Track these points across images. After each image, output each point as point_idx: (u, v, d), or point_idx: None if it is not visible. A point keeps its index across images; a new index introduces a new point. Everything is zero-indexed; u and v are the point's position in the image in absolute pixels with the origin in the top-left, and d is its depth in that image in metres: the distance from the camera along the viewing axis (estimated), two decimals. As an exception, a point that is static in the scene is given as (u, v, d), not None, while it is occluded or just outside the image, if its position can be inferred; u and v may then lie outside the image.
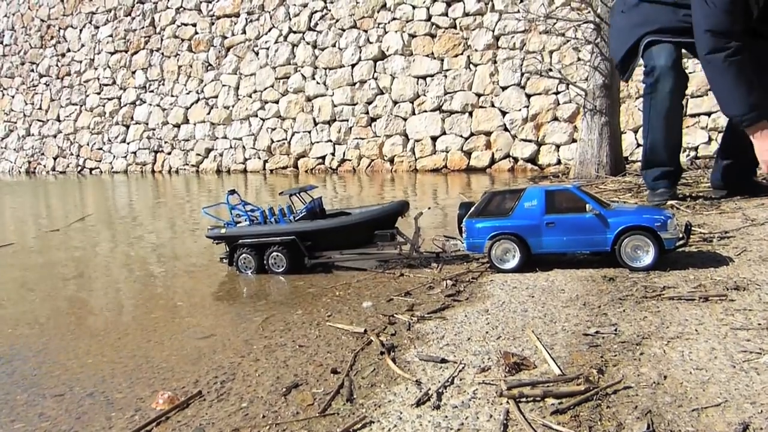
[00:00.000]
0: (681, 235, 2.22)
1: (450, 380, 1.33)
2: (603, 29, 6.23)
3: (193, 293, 2.54)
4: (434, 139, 10.27)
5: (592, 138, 6.52)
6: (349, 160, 11.14)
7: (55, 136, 15.79)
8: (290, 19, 11.86)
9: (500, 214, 2.38)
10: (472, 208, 2.48)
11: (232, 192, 3.10)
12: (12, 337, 2.04)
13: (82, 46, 15.14)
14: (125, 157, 14.32)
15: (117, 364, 1.70)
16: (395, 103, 10.68)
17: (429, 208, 3.28)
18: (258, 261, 2.79)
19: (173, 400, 1.41)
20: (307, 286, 2.48)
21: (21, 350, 1.88)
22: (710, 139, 7.81)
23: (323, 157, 11.47)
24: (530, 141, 9.33)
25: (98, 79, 14.83)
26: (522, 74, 9.48)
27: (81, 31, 15.19)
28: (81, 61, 15.18)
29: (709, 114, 7.90)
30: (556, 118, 9.16)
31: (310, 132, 11.60)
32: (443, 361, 1.44)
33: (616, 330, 1.53)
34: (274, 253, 2.76)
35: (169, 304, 2.36)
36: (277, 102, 11.99)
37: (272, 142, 12.03)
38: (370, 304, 2.06)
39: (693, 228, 2.70)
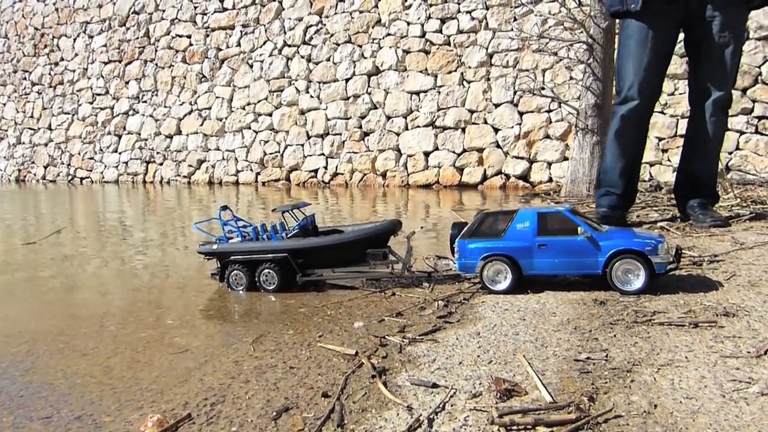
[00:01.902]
0: (671, 259, 2.23)
1: (441, 406, 1.33)
2: (595, 50, 6.32)
3: (184, 311, 2.52)
4: (427, 154, 10.31)
5: (583, 157, 6.58)
6: (342, 174, 11.15)
7: (46, 145, 15.71)
8: (285, 33, 11.93)
9: (493, 235, 2.40)
10: (465, 229, 2.50)
11: (225, 208, 3.08)
12: (-1, 354, 2.02)
13: (76, 55, 15.13)
14: (117, 167, 14.27)
15: (106, 386, 1.69)
16: (388, 118, 10.73)
17: (421, 228, 3.29)
18: (249, 278, 2.78)
19: (162, 423, 1.39)
20: (298, 305, 2.47)
21: (8, 369, 1.86)
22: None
23: (316, 171, 11.48)
24: (522, 158, 9.39)
25: (91, 88, 14.80)
26: (515, 92, 9.57)
27: (75, 40, 15.18)
28: (74, 70, 15.16)
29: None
30: (548, 136, 9.24)
31: (303, 145, 11.62)
32: (434, 386, 1.44)
33: (606, 356, 1.53)
34: (266, 270, 2.75)
35: (159, 322, 2.34)
36: (270, 115, 12.02)
37: (265, 154, 12.04)
38: (361, 324, 2.05)
39: (683, 251, 2.72)
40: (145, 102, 13.86)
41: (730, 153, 7.44)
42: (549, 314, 1.95)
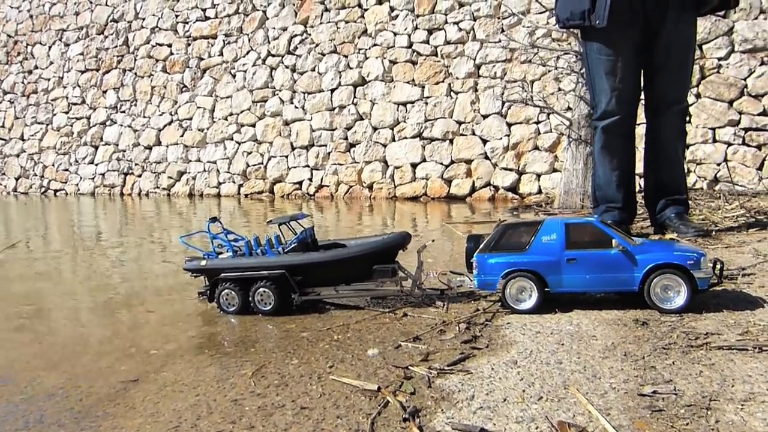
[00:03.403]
0: (711, 274, 2.03)
1: (494, 457, 1.10)
2: (588, 59, 6.21)
3: (168, 339, 2.24)
4: (414, 166, 10.13)
5: (576, 168, 6.44)
6: (327, 186, 10.91)
7: (18, 156, 15.19)
8: (269, 42, 11.71)
9: (515, 248, 2.18)
10: (484, 242, 2.27)
11: (214, 220, 2.79)
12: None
13: (51, 63, 14.70)
14: (93, 178, 13.83)
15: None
16: (375, 129, 10.54)
17: (433, 241, 3.08)
18: (242, 298, 2.49)
19: (153, 481, 1.14)
20: (299, 329, 2.22)
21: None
22: (689, 171, 7.80)
23: (300, 183, 11.22)
24: (511, 170, 9.25)
25: (67, 97, 14.37)
26: (503, 103, 9.45)
27: (50, 48, 14.77)
28: (49, 79, 14.72)
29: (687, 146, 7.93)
30: (536, 148, 9.12)
31: (287, 157, 11.37)
32: (483, 431, 1.21)
33: (675, 389, 1.32)
34: (261, 289, 2.47)
35: (141, 353, 2.07)
36: (253, 125, 11.75)
37: (248, 166, 11.75)
38: (376, 351, 1.82)
39: (724, 265, 2.53)
40: (124, 112, 13.49)
41: (718, 164, 7.40)
42: (588, 338, 1.74)
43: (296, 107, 11.31)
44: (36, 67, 15.02)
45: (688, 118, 3.52)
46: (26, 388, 1.74)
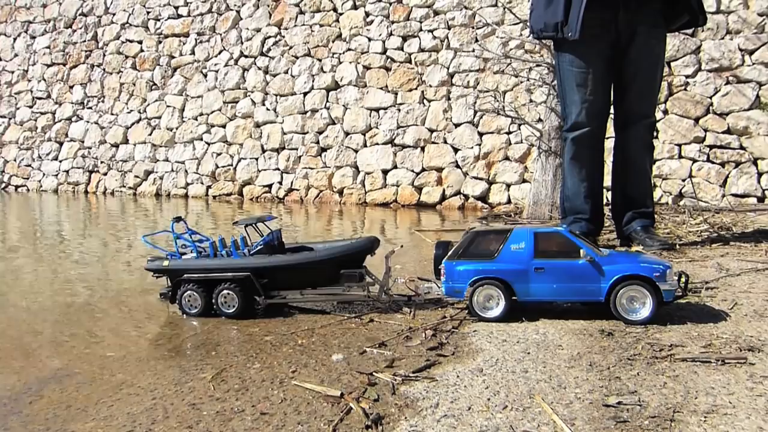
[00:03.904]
0: (677, 286, 2.04)
1: (457, 467, 1.08)
2: (560, 72, 6.29)
3: (126, 342, 2.17)
4: (385, 172, 10.12)
5: (546, 179, 6.51)
6: (297, 190, 10.82)
7: (-23, 150, 14.73)
8: (242, 43, 11.59)
9: (484, 256, 2.16)
10: (453, 249, 2.25)
11: (179, 219, 2.73)
12: None
13: (16, 56, 14.28)
14: (56, 175, 13.45)
15: (28, 433, 1.35)
16: (347, 134, 10.50)
17: (401, 246, 3.06)
18: (205, 299, 2.42)
19: (100, 490, 1.09)
20: (262, 332, 2.17)
21: None
22: (655, 186, 7.97)
23: (270, 186, 11.10)
24: (481, 179, 9.31)
25: (31, 91, 13.97)
26: (475, 112, 9.52)
27: (15, 40, 14.35)
28: (13, 72, 14.29)
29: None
30: (507, 158, 9.20)
31: (257, 159, 11.24)
32: (446, 440, 1.19)
33: (639, 400, 1.32)
34: (225, 291, 2.41)
35: (96, 355, 1.99)
36: (224, 126, 11.59)
37: (217, 167, 11.58)
38: (340, 357, 1.78)
39: (689, 278, 2.57)
40: (90, 108, 13.17)
41: (683, 180, 7.56)
42: (555, 347, 1.73)
43: (268, 109, 11.20)
44: (0, 59, 14.58)
45: (655, 134, 3.59)
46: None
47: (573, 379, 1.47)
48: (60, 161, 13.53)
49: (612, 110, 3.59)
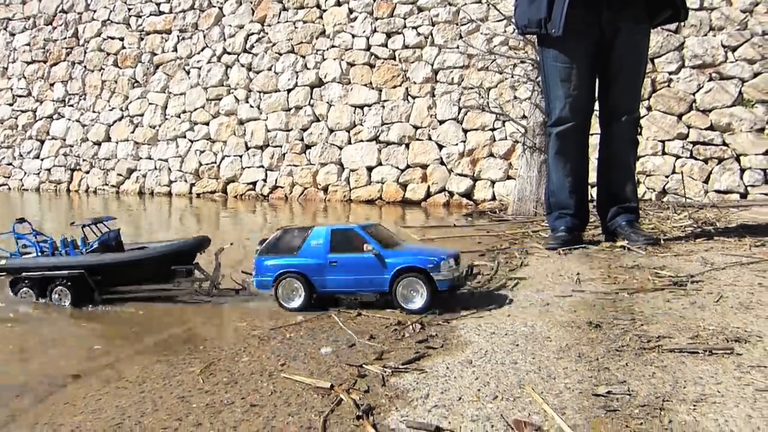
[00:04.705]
0: (456, 276, 2.21)
1: (449, 456, 1.08)
2: (544, 68, 6.32)
3: (112, 335, 2.15)
4: (370, 169, 10.10)
5: (531, 175, 6.54)
6: (282, 187, 10.77)
7: (-43, 148, 14.46)
8: (225, 40, 11.50)
9: (288, 251, 2.37)
10: (263, 245, 2.44)
11: (22, 221, 2.99)
12: None
13: (-6, 53, 14.07)
14: (38, 174, 13.25)
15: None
16: (331, 131, 10.47)
17: (231, 244, 3.24)
18: (40, 295, 2.67)
19: (88, 485, 1.07)
20: (250, 327, 2.16)
21: None
22: (639, 182, 8.05)
23: (254, 183, 11.04)
24: (466, 176, 9.34)
25: (11, 89, 13.74)
26: (459, 109, 9.54)
27: (-6, 37, 14.13)
28: (-8, 69, 14.08)
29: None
30: (492, 155, 9.23)
31: (241, 156, 11.17)
32: (438, 430, 1.18)
33: (629, 389, 1.33)
34: (59, 288, 2.62)
35: (83, 347, 1.96)
36: (207, 124, 11.50)
37: (200, 165, 11.49)
38: (329, 350, 1.77)
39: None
40: (72, 106, 12.98)
41: (667, 176, 7.63)
42: (543, 339, 1.74)
43: (251, 106, 11.13)
44: (-22, 56, 14.33)
45: (639, 130, 3.62)
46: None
47: (562, 369, 1.48)
48: (42, 159, 13.32)
49: (597, 106, 3.62)
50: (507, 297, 2.32)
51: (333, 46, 10.60)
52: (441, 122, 9.65)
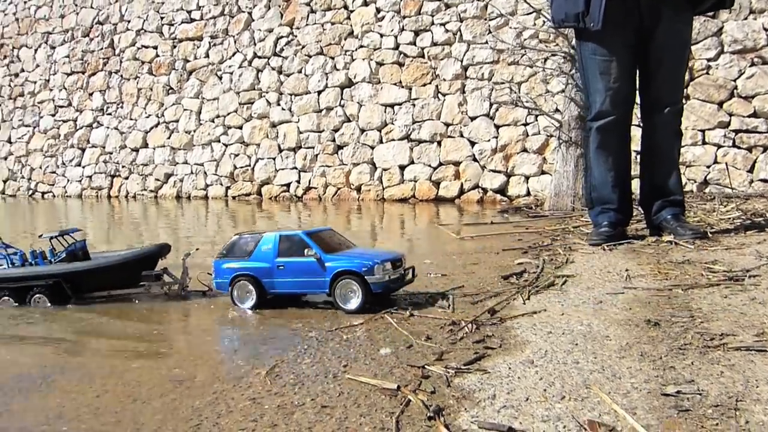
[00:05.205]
0: (389, 278, 2.35)
1: (524, 456, 1.10)
2: (578, 60, 6.24)
3: (176, 338, 2.23)
4: (402, 168, 10.13)
5: (567, 170, 6.47)
6: (315, 188, 10.88)
7: (5, 158, 14.98)
8: (255, 44, 11.65)
9: (243, 255, 2.55)
10: (221, 249, 2.64)
11: None
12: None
13: (37, 66, 14.50)
14: (80, 181, 13.66)
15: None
16: (362, 130, 10.53)
17: (197, 249, 3.42)
18: (19, 302, 2.87)
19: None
20: (306, 329, 2.21)
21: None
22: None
23: (288, 185, 11.17)
24: (499, 172, 9.29)
25: (53, 100, 14.19)
26: (491, 104, 9.49)
27: (36, 50, 14.57)
28: (35, 82, 14.53)
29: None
30: (525, 150, 9.17)
31: (274, 159, 11.32)
32: (511, 430, 1.21)
33: (699, 389, 1.33)
34: (37, 295, 2.85)
35: (151, 350, 2.04)
36: (240, 127, 11.68)
37: (235, 168, 11.68)
38: (388, 351, 1.81)
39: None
40: (110, 114, 13.34)
41: (708, 167, 7.46)
42: (602, 338, 1.74)
43: (283, 109, 11.26)
44: (22, 70, 14.81)
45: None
46: (42, 387, 1.71)
47: (626, 369, 1.48)
48: (83, 167, 13.72)
49: (638, 97, 3.56)
50: (557, 295, 2.33)
51: (362, 47, 10.65)
52: (472, 119, 9.61)
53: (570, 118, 6.42)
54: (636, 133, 3.64)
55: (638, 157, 3.66)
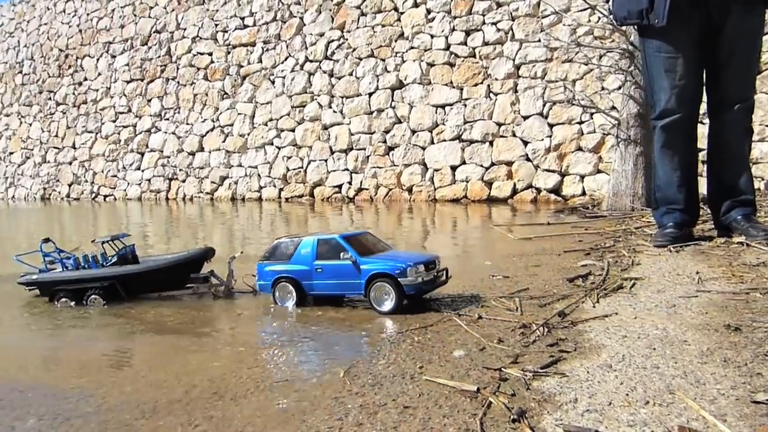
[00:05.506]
0: (422, 280, 2.41)
1: (614, 459, 1.11)
2: (636, 57, 6.10)
3: (248, 336, 2.32)
4: (454, 168, 10.12)
5: (626, 168, 6.33)
6: (367, 189, 10.98)
7: (70, 163, 15.73)
8: (306, 48, 11.85)
9: (284, 258, 2.69)
10: (264, 252, 2.80)
11: (47, 240, 3.37)
12: (64, 388, 1.82)
13: (99, 74, 15.18)
14: (139, 184, 14.23)
15: (191, 427, 1.48)
16: (413, 131, 10.56)
17: (241, 252, 3.59)
18: (76, 302, 3.05)
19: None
20: (376, 329, 2.26)
21: (78, 405, 1.66)
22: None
23: (340, 186, 11.32)
24: (553, 171, 9.17)
25: (114, 107, 14.83)
26: (544, 103, 9.37)
27: (98, 60, 15.25)
28: (97, 90, 15.21)
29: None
30: (580, 148, 9.02)
31: (326, 160, 11.48)
32: (598, 434, 1.22)
33: (789, 396, 1.30)
34: (93, 296, 3.02)
35: (233, 348, 2.13)
36: (293, 130, 11.91)
37: (288, 170, 11.91)
38: (462, 353, 1.83)
39: (444, 272, 2.70)
40: (167, 119, 13.83)
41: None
42: (680, 343, 1.72)
43: (334, 111, 11.42)
44: (85, 79, 15.52)
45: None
46: (132, 382, 1.81)
47: (710, 375, 1.47)
48: (142, 171, 14.26)
49: (705, 94, 3.46)
50: (627, 298, 2.30)
51: (412, 48, 10.69)
52: (525, 118, 9.52)
53: (628, 116, 6.28)
54: (702, 130, 3.53)
55: (704, 155, 3.56)
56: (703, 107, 3.49)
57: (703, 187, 3.61)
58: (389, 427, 1.36)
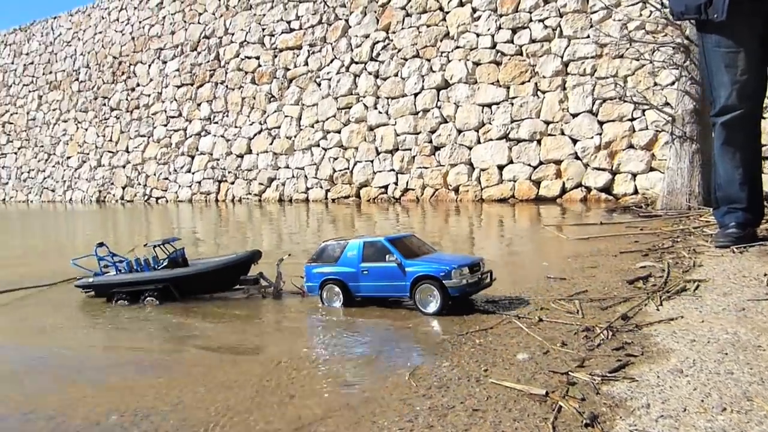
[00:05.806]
0: (468, 282, 2.42)
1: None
2: (692, 51, 5.92)
3: (306, 339, 2.37)
4: (501, 168, 10.04)
5: (681, 166, 6.15)
6: (413, 190, 11.00)
7: (123, 167, 16.31)
8: (352, 50, 11.94)
9: (330, 261, 2.75)
10: (312, 255, 2.86)
11: (101, 244, 3.48)
12: (141, 388, 1.91)
13: (151, 80, 15.68)
14: (190, 186, 14.63)
15: (267, 426, 1.53)
16: (459, 131, 10.52)
17: (289, 255, 3.59)
18: (132, 302, 3.18)
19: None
20: (437, 331, 2.28)
21: (155, 403, 1.74)
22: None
23: (386, 187, 11.37)
24: (604, 170, 8.99)
25: (165, 111, 15.29)
26: (594, 100, 9.19)
27: (150, 66, 15.75)
28: (149, 95, 15.71)
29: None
30: (631, 146, 8.81)
31: (372, 161, 11.55)
32: (675, 440, 1.21)
33: None
34: (149, 298, 3.16)
35: (293, 350, 2.19)
36: (339, 132, 12.03)
37: (334, 171, 12.04)
38: (526, 356, 1.84)
39: (486, 274, 2.66)
40: (217, 123, 14.17)
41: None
42: (753, 347, 1.68)
43: (380, 112, 11.48)
44: (138, 85, 16.05)
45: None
46: (204, 381, 1.89)
47: (789, 380, 1.43)
48: (192, 173, 14.66)
49: None
50: (693, 301, 2.25)
51: (458, 47, 10.65)
52: (574, 116, 9.36)
53: (684, 112, 6.10)
54: (766, 126, 3.42)
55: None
56: (767, 102, 3.39)
57: (766, 185, 3.50)
58: (460, 430, 1.38)
